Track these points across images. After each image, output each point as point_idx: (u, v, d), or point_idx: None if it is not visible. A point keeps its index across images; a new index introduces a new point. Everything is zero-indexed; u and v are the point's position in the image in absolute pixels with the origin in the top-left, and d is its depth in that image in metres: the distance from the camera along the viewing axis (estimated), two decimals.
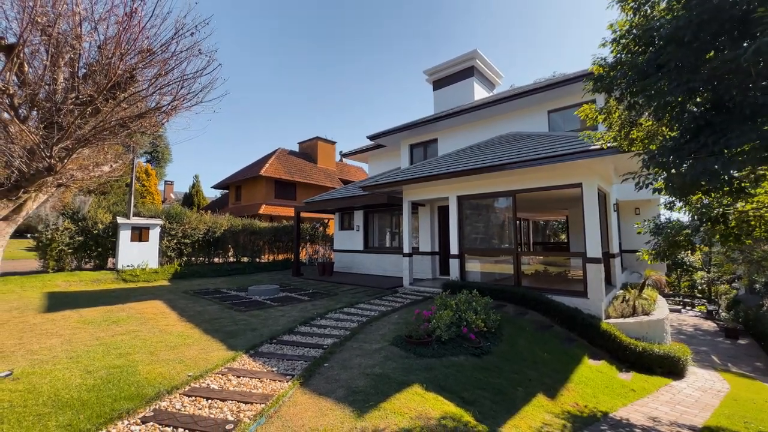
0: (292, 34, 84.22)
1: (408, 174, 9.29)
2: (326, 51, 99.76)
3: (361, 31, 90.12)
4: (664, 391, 5.39)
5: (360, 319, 6.11)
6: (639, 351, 6.20)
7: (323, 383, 3.54)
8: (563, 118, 9.75)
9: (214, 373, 3.75)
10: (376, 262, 12.59)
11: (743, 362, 10.42)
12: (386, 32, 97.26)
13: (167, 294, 8.57)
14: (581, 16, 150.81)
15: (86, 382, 3.41)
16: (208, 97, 3.32)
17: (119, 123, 2.90)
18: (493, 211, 9.27)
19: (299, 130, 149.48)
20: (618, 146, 4.66)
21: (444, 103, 13.61)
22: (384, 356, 4.27)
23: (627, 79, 3.51)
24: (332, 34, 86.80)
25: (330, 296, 8.42)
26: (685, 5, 2.90)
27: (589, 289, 6.85)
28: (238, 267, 13.23)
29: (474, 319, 5.25)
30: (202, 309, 6.92)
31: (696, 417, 4.38)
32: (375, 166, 15.94)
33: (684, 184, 2.89)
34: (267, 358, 4.26)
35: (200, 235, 12.89)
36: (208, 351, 4.42)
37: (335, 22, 79.90)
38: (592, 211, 6.83)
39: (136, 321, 5.87)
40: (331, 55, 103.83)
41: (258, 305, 7.29)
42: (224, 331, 5.37)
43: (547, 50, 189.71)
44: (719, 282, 21.48)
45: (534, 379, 4.41)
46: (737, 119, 2.55)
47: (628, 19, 3.63)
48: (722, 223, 4.08)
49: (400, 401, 3.17)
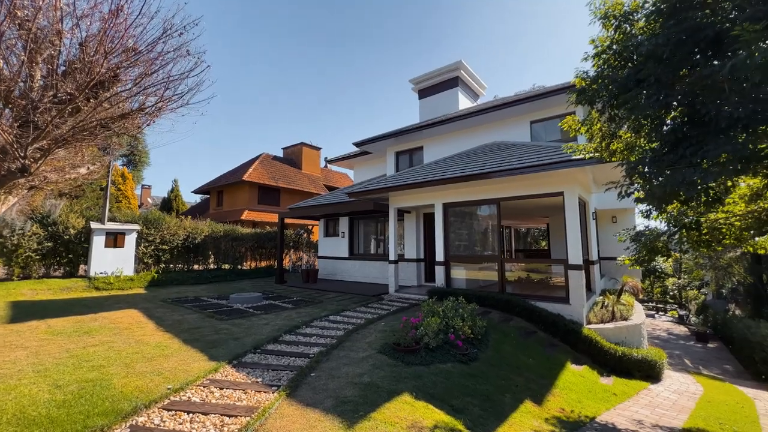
0: (273, 38, 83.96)
1: (395, 181, 9.32)
2: (312, 58, 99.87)
3: (347, 39, 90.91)
4: (644, 395, 5.54)
5: (346, 327, 6.03)
6: (619, 356, 6.36)
7: (310, 394, 3.45)
8: (544, 128, 10.06)
9: (195, 386, 3.59)
10: (361, 269, 12.50)
11: (713, 365, 10.86)
12: (374, 40, 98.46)
13: (144, 302, 8.21)
14: (559, 35, 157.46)
15: (56, 398, 3.20)
16: (195, 98, 3.24)
17: (100, 123, 2.77)
18: (478, 219, 9.40)
19: (283, 137, 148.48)
20: (599, 157, 4.83)
21: (429, 111, 13.81)
22: (372, 364, 4.21)
23: (608, 92, 3.66)
24: (315, 42, 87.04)
25: (315, 304, 8.28)
26: (663, 24, 3.06)
27: (571, 295, 7.00)
28: (220, 274, 12.86)
29: (461, 325, 5.27)
30: (181, 318, 6.66)
31: (675, 419, 4.52)
32: (360, 172, 15.93)
33: (664, 194, 3.01)
34: (251, 369, 4.12)
35: (179, 241, 12.47)
36: (188, 362, 4.24)
37: (320, 29, 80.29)
38: (573, 219, 7.03)
39: (110, 331, 5.58)
40: (318, 61, 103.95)
41: (240, 314, 7.09)
42: (205, 340, 5.17)
43: (526, 64, 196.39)
44: (689, 288, 22.44)
45: (520, 385, 4.45)
46: (713, 132, 2.69)
47: (609, 36, 3.80)
48: (696, 230, 4.27)
49: (391, 411, 3.12)
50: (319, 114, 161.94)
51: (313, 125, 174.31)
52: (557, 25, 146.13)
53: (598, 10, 3.76)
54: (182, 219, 13.19)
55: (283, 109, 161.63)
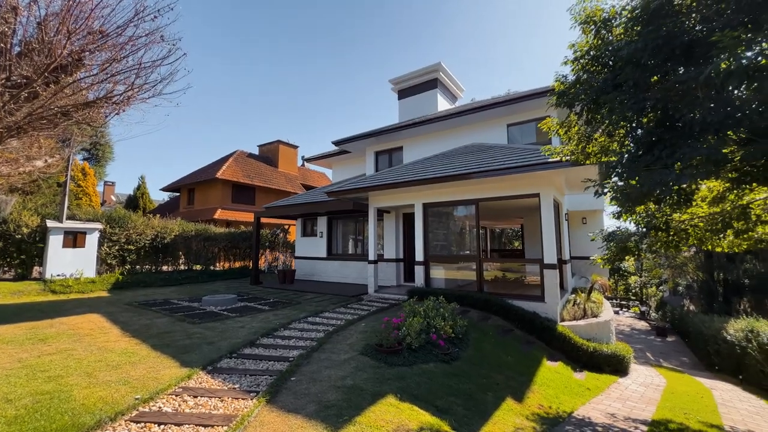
0: (248, 33, 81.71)
1: (375, 180, 9.26)
2: (288, 55, 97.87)
3: (326, 36, 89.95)
4: (614, 388, 5.78)
5: (326, 329, 5.90)
6: (590, 351, 6.61)
7: (292, 399, 3.32)
8: (521, 131, 10.34)
9: (166, 394, 3.37)
10: (339, 269, 12.35)
11: (672, 358, 11.56)
12: (352, 39, 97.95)
13: (107, 306, 7.69)
14: (532, 49, 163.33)
15: (6, 414, 2.90)
16: (168, 88, 3.02)
17: (61, 111, 2.52)
18: (456, 219, 9.51)
19: (259, 135, 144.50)
20: (575, 159, 4.99)
21: (409, 112, 13.87)
22: (354, 366, 4.12)
23: (587, 95, 3.77)
24: (295, 38, 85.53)
25: (293, 305, 8.07)
26: (640, 32, 3.18)
27: (546, 293, 7.20)
28: (191, 275, 12.29)
29: (442, 325, 5.28)
30: (149, 322, 6.28)
31: (644, 411, 4.74)
32: (339, 172, 15.75)
33: (640, 194, 3.13)
34: (227, 375, 3.93)
35: (147, 241, 11.82)
36: (158, 369, 3.99)
37: (300, 24, 78.90)
38: (549, 219, 7.24)
39: (69, 338, 5.17)
40: (294, 59, 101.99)
41: (214, 316, 6.78)
42: (177, 346, 4.89)
43: (501, 69, 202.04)
44: (650, 285, 23.87)
45: (501, 383, 4.51)
46: (686, 136, 2.82)
47: (588, 41, 3.92)
48: (665, 231, 4.50)
49: (376, 414, 3.05)
50: (295, 114, 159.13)
51: (289, 126, 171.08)
52: (532, 34, 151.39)
53: (578, 15, 3.88)
54: (150, 217, 12.51)
55: (257, 109, 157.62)
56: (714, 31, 2.63)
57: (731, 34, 2.19)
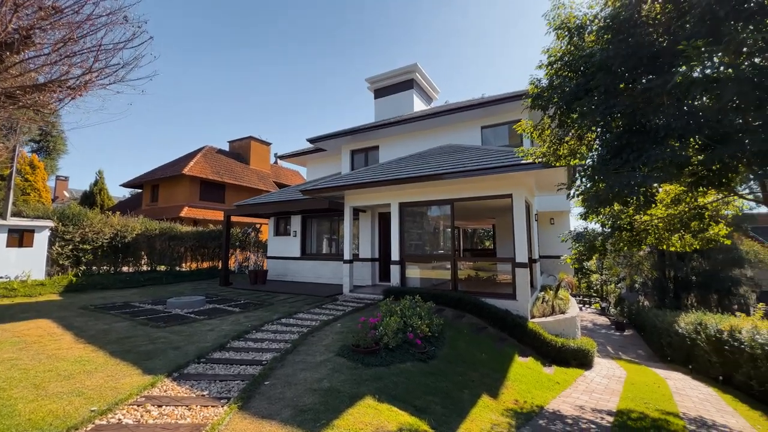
0: (220, 26, 78.68)
1: (352, 179, 9.16)
2: (261, 51, 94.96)
3: (304, 37, 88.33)
4: (581, 381, 6.04)
5: (300, 330, 5.75)
6: (558, 346, 6.88)
7: (266, 404, 3.19)
8: (494, 133, 10.61)
9: (127, 405, 3.13)
10: (314, 269, 12.13)
11: (630, 350, 12.31)
12: (330, 41, 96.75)
13: (59, 311, 7.09)
14: (507, 54, 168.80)
15: None
16: (132, 75, 2.80)
17: (5, 94, 2.24)
18: (432, 219, 9.60)
19: (231, 132, 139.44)
20: (547, 161, 5.17)
21: (385, 112, 13.87)
22: (331, 368, 4.03)
23: (560, 98, 3.90)
24: (269, 36, 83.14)
25: (265, 306, 7.81)
26: (610, 40, 3.33)
27: (518, 291, 7.42)
28: (154, 276, 11.61)
29: (419, 324, 5.29)
30: (107, 327, 5.85)
31: (609, 402, 4.99)
32: (314, 170, 15.48)
33: (608, 196, 3.27)
34: (195, 381, 3.71)
35: (105, 241, 11.02)
36: (117, 378, 3.70)
37: (274, 23, 76.80)
38: (520, 219, 7.46)
39: (13, 346, 4.70)
40: (267, 56, 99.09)
41: (180, 320, 6.42)
42: (138, 351, 4.57)
43: (476, 73, 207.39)
44: (609, 283, 25.35)
45: (476, 380, 4.57)
46: (652, 140, 2.97)
47: (561, 47, 4.06)
48: (629, 231, 4.75)
49: (354, 416, 2.98)
50: (268, 112, 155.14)
51: (262, 126, 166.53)
52: (506, 42, 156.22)
53: (553, 21, 4.01)
54: (109, 215, 11.69)
55: (229, 106, 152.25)
56: (677, 42, 2.79)
57: (696, 44, 2.33)
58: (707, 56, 2.30)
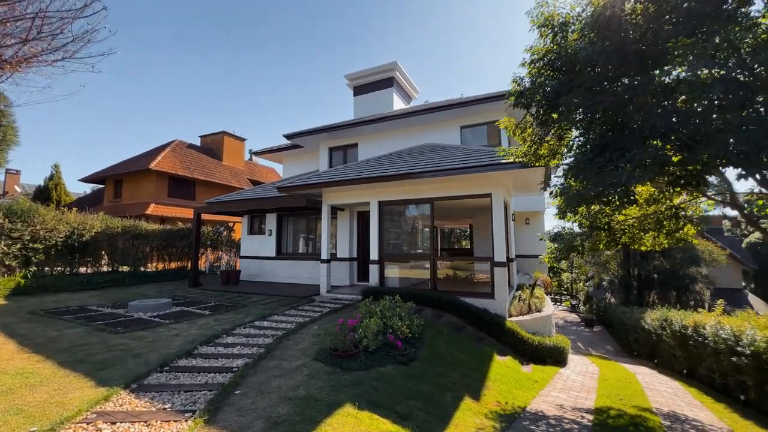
0: (198, 21, 75.54)
1: (330, 176, 8.91)
2: (239, 46, 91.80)
3: (280, 32, 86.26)
4: (558, 379, 6.12)
5: (275, 333, 5.47)
6: (535, 345, 6.96)
7: (236, 416, 2.93)
8: (473, 133, 10.66)
9: (74, 423, 2.78)
10: (290, 269, 11.75)
11: (599, 346, 12.79)
12: (307, 36, 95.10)
13: (2, 317, 6.41)
14: (493, 55, 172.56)
15: None
16: (85, 50, 2.47)
17: None
18: (411, 218, 9.51)
19: (205, 129, 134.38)
20: (527, 161, 5.17)
21: (364, 109, 13.65)
22: (307, 374, 3.81)
23: (543, 96, 3.86)
24: (248, 33, 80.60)
25: (237, 309, 7.43)
26: (592, 40, 3.31)
27: (496, 291, 7.44)
28: (116, 278, 10.83)
29: (399, 325, 5.15)
30: (57, 334, 5.32)
31: (587, 400, 5.06)
32: (290, 167, 15.02)
33: (594, 194, 3.25)
34: (156, 392, 3.39)
35: (60, 239, 10.16)
36: (65, 391, 3.31)
37: (252, 19, 74.37)
38: (499, 219, 7.48)
39: None
40: (243, 51, 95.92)
41: (143, 324, 5.96)
42: (92, 361, 4.15)
43: (454, 74, 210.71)
44: (579, 281, 26.38)
45: (458, 381, 4.49)
46: (635, 139, 2.97)
47: (544, 45, 4.03)
48: (606, 231, 4.82)
49: (333, 426, 2.79)
50: (242, 108, 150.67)
51: (237, 121, 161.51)
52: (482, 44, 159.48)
53: (536, 19, 3.97)
54: (65, 211, 10.79)
55: (198, 102, 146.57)
56: (660, 41, 2.78)
57: (685, 41, 2.31)
58: (698, 53, 2.29)
